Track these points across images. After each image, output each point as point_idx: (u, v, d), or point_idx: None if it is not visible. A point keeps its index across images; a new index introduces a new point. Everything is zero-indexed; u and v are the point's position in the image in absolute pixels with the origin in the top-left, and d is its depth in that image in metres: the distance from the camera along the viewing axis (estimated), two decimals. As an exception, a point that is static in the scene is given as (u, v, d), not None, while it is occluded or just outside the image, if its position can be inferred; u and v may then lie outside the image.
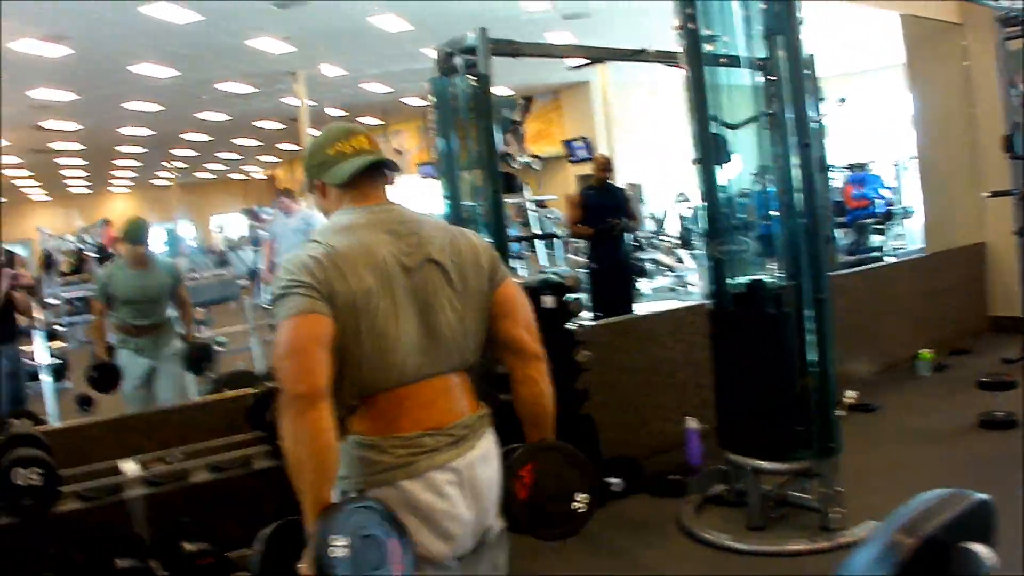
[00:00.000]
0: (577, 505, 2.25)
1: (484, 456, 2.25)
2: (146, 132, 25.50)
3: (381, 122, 30.76)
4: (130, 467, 3.91)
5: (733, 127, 4.94)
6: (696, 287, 13.06)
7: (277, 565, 2.60)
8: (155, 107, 21.34)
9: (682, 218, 18.10)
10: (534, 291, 5.20)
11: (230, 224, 30.81)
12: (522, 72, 17.60)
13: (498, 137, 5.48)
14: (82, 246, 16.31)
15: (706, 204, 5.03)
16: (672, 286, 13.92)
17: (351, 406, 2.16)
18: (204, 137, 28.82)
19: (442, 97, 5.46)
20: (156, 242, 18.30)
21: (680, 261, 14.77)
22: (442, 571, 2.15)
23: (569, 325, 5.44)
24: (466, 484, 2.18)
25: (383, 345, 2.13)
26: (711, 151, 4.94)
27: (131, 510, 3.72)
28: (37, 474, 3.53)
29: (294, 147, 34.64)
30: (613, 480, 5.45)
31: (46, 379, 7.54)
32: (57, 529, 3.55)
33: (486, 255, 2.35)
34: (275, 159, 39.24)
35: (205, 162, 36.65)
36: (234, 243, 24.96)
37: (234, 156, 35.94)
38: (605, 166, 8.74)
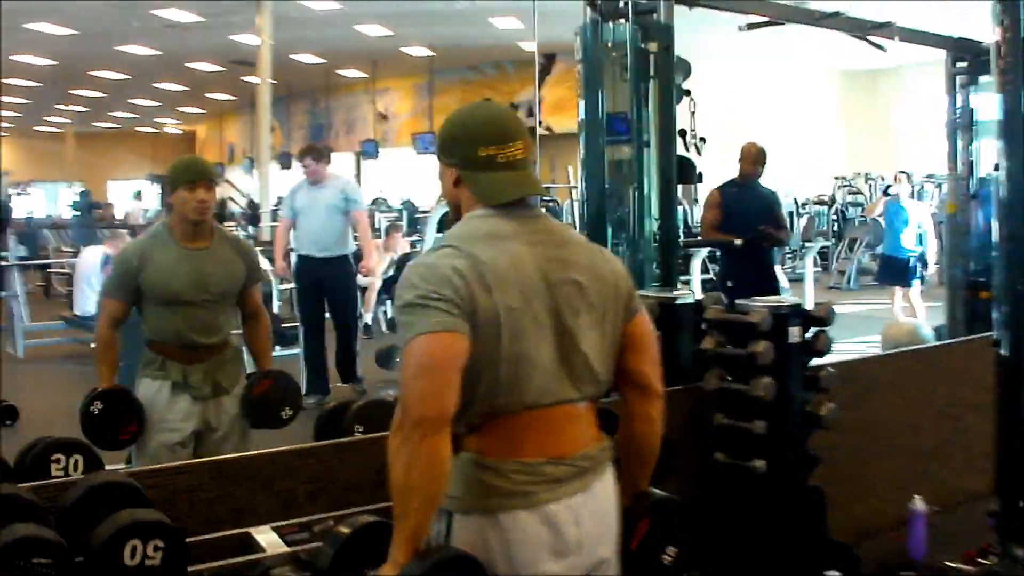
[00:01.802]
0: (667, 559, 2.77)
1: (605, 492, 2.55)
2: (45, 62, 24.64)
3: (364, 75, 30.33)
4: (268, 539, 3.38)
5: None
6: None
7: (349, 566, 2.74)
8: (65, 31, 20.50)
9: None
10: (782, 318, 4.69)
11: (139, 192, 29.88)
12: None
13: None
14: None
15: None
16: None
17: (473, 425, 2.44)
18: (118, 76, 28.04)
19: (593, 50, 5.58)
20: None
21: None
22: None
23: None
24: (583, 522, 2.46)
25: (521, 368, 2.39)
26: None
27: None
28: (157, 549, 2.81)
29: (228, 97, 34.35)
30: (830, 574, 5.07)
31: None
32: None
33: (624, 282, 2.63)
34: (198, 110, 38.52)
35: (110, 108, 35.96)
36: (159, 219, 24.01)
37: (148, 103, 35.30)
38: (756, 159, 8.55)
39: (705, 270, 13.02)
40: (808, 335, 4.85)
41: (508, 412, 2.43)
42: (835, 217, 21.50)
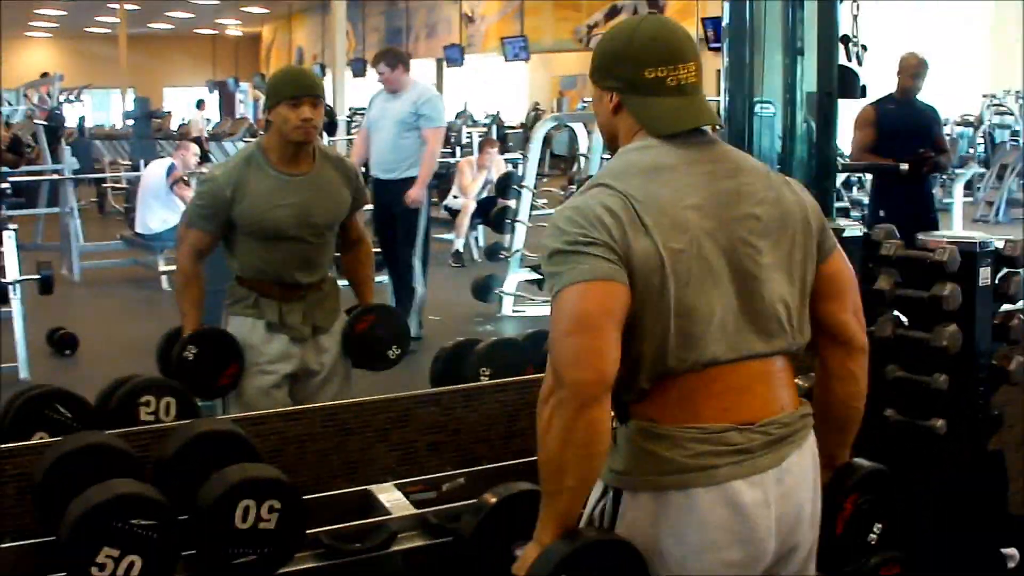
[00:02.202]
0: (873, 537, 2.71)
1: (802, 468, 2.42)
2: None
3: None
4: (391, 498, 3.28)
5: None
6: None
7: (492, 536, 2.71)
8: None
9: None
10: (971, 257, 4.54)
11: (201, 101, 30.02)
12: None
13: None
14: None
15: None
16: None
17: (640, 390, 2.33)
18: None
19: None
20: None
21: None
22: None
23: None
24: (773, 503, 2.34)
25: (692, 319, 2.29)
26: None
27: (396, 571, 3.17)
28: (273, 510, 2.73)
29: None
30: (1008, 551, 4.90)
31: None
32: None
33: (815, 216, 2.51)
34: (263, 10, 38.60)
35: (167, 7, 36.13)
36: (229, 128, 24.07)
37: (208, 0, 35.25)
38: (916, 71, 8.37)
39: (838, 197, 12.71)
40: (997, 278, 4.68)
41: (683, 371, 2.32)
42: (982, 140, 20.97)
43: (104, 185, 17.89)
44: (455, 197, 13.20)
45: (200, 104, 28.56)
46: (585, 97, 25.90)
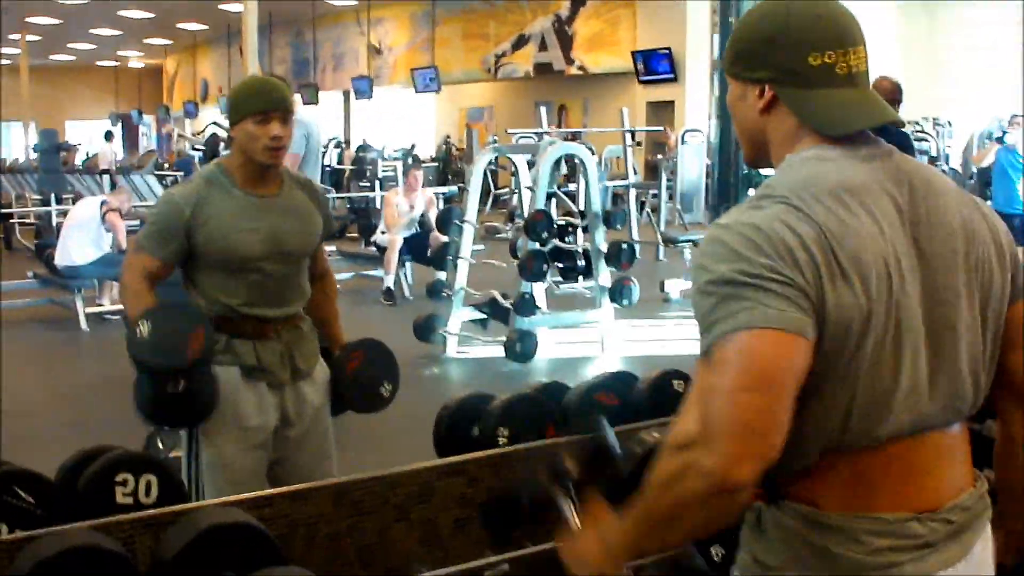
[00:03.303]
0: None
1: (985, 559, 2.06)
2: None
3: (354, 3, 29.86)
4: None
5: None
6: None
7: None
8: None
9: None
10: None
11: (109, 133, 29.28)
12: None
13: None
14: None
15: None
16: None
17: (802, 467, 1.94)
18: (77, 0, 27.27)
19: None
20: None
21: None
22: None
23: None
24: None
25: (882, 386, 1.90)
26: None
27: None
28: None
29: (200, 27, 33.72)
30: None
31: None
32: None
33: (1009, 246, 2.09)
34: (166, 41, 37.97)
35: (68, 38, 35.42)
36: (136, 161, 23.41)
37: (110, 32, 34.97)
38: (892, 94, 7.98)
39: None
40: None
41: (857, 448, 1.93)
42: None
43: (11, 221, 17.11)
44: (382, 232, 12.68)
45: (108, 136, 27.80)
46: (496, 131, 25.62)
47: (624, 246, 9.31)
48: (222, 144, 19.95)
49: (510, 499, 2.42)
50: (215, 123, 19.45)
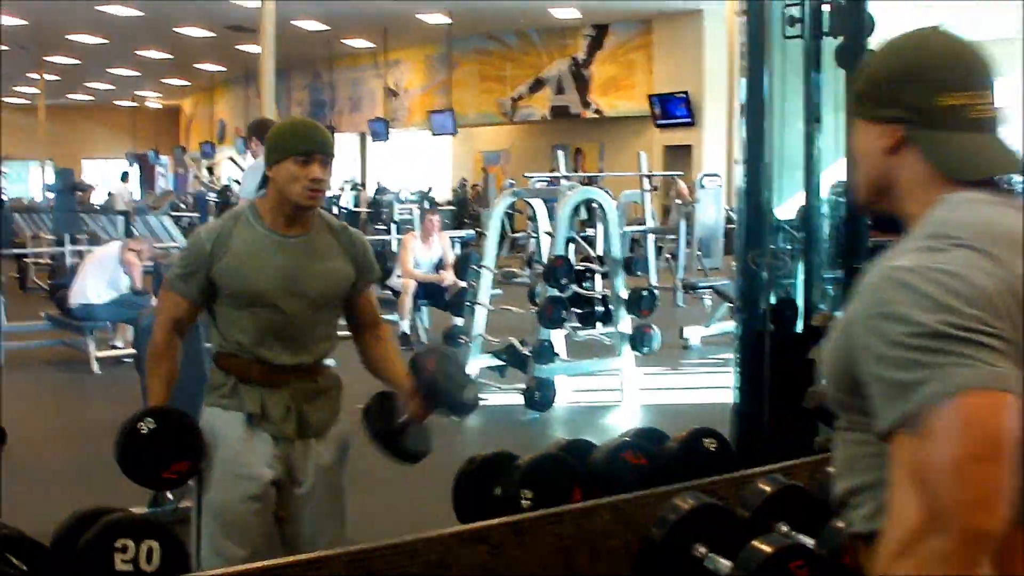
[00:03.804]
0: None
1: None
2: (16, 21, 24.01)
3: (372, 45, 29.86)
4: None
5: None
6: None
7: None
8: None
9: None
10: None
11: (126, 173, 29.26)
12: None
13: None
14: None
15: None
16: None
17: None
18: (95, 40, 27.43)
19: (759, 15, 5.41)
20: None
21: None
22: None
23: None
24: None
25: None
26: None
27: None
28: None
29: (218, 68, 33.77)
30: None
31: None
32: None
33: None
34: (184, 82, 38.05)
35: (86, 77, 35.51)
36: (152, 202, 23.34)
37: (128, 72, 35.05)
38: None
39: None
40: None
41: None
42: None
43: (26, 260, 16.98)
44: (397, 276, 12.48)
45: (125, 176, 27.73)
46: (512, 174, 25.55)
47: (645, 292, 9.12)
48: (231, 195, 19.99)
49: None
50: (231, 158, 19.39)
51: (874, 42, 5.78)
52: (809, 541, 3.00)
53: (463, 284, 10.48)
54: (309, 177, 3.63)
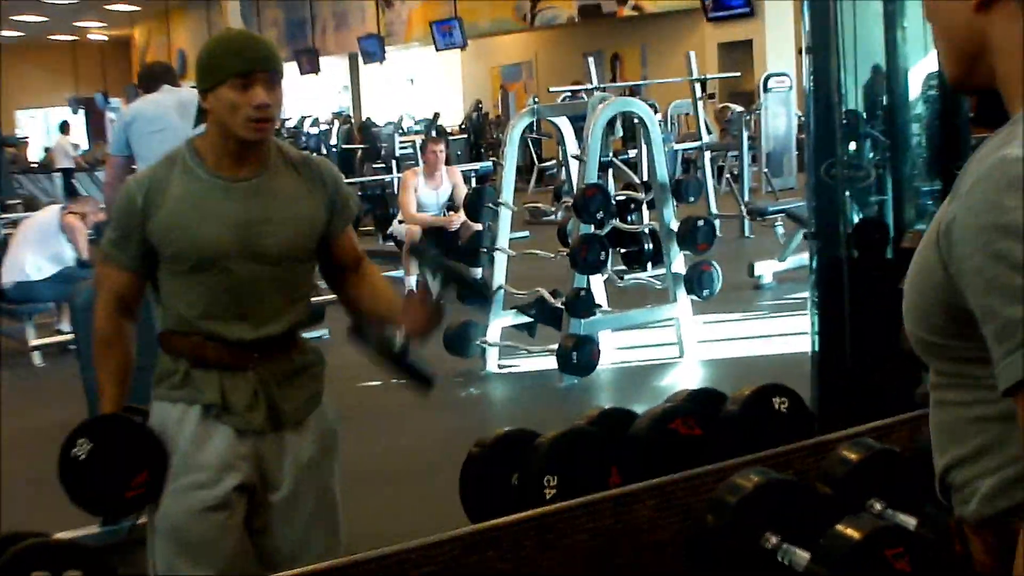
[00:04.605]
0: None
1: None
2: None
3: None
4: None
5: None
6: None
7: None
8: None
9: None
10: None
11: (65, 123, 29.50)
12: None
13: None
14: None
15: None
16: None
17: None
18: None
19: None
20: None
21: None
22: None
23: None
24: None
25: None
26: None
27: None
28: None
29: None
30: None
31: None
32: None
33: None
34: (131, 7, 38.29)
35: (11, 10, 35.60)
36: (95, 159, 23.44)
37: (61, 0, 34.75)
38: None
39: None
40: None
41: None
42: None
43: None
44: (399, 223, 12.42)
45: (64, 127, 27.87)
46: (536, 91, 25.57)
47: (700, 223, 9.05)
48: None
49: None
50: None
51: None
52: (910, 521, 2.93)
53: (477, 227, 10.41)
54: (252, 103, 3.51)
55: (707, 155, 15.45)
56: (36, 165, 24.56)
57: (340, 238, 3.90)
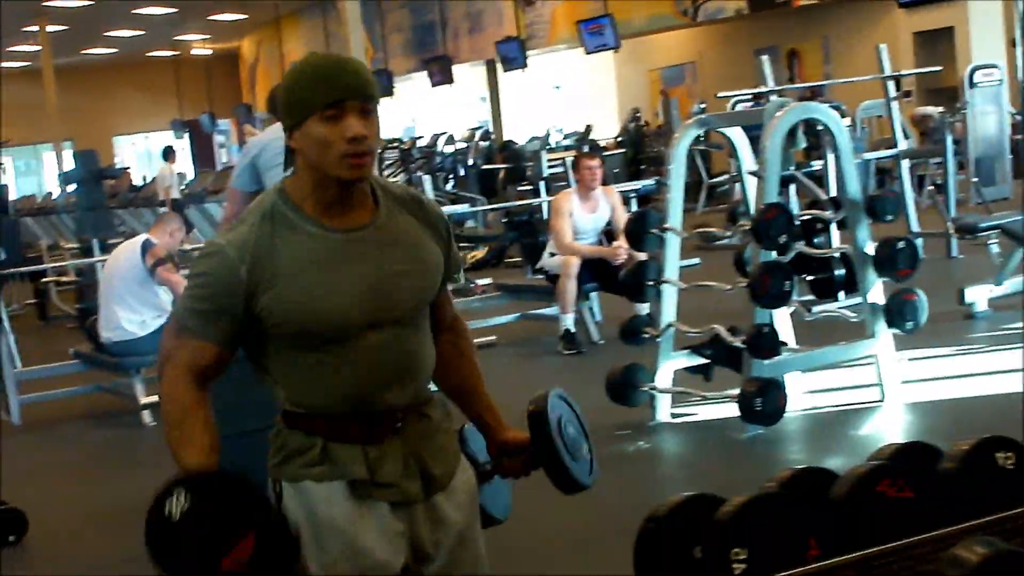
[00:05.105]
0: None
1: None
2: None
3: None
4: None
5: None
6: None
7: None
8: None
9: None
10: None
11: (168, 149, 29.89)
12: None
13: None
14: None
15: None
16: None
17: None
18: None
19: None
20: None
21: None
22: None
23: None
24: None
25: None
26: None
27: None
28: None
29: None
30: None
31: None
32: None
33: None
34: (237, 16, 38.71)
35: (104, 24, 36.18)
36: (212, 184, 23.78)
37: (159, 10, 35.58)
38: None
39: None
40: None
41: None
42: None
43: (44, 280, 17.38)
44: (551, 255, 12.41)
45: (168, 154, 28.20)
46: (703, 96, 25.52)
47: (901, 244, 8.90)
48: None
49: None
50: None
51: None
52: None
53: (642, 256, 10.33)
54: (346, 136, 3.48)
55: (904, 164, 15.26)
56: (135, 197, 24.93)
57: (444, 293, 3.92)
